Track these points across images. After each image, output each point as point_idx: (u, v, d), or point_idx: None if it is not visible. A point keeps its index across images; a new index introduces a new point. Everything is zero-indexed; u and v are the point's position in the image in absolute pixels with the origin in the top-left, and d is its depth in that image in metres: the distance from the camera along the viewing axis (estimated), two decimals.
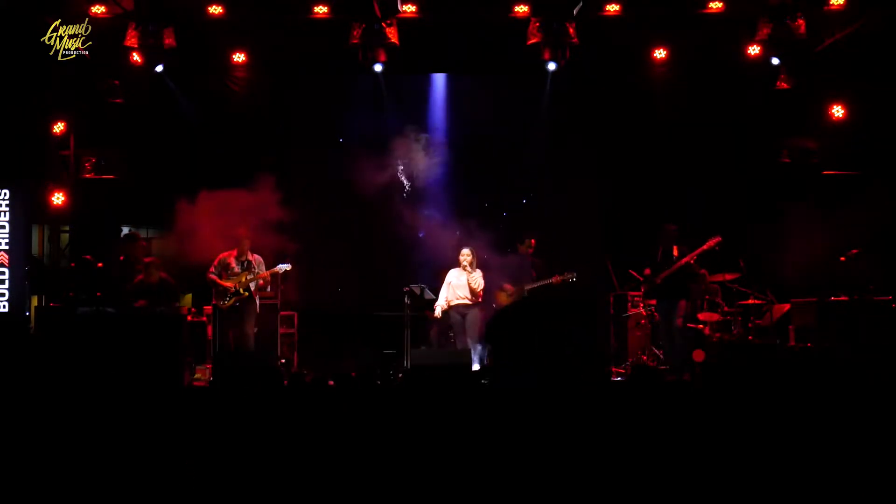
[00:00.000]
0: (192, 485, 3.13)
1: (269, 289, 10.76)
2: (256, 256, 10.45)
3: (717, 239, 10.10)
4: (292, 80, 12.36)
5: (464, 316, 10.44)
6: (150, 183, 11.70)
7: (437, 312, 10.60)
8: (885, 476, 2.47)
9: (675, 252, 10.33)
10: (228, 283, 10.29)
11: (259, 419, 3.43)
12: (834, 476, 2.48)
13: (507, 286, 10.73)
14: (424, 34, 11.24)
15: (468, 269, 10.41)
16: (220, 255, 10.39)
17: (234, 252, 10.39)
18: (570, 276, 10.63)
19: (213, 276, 10.36)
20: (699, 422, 3.03)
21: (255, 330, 10.48)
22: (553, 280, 10.66)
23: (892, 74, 10.59)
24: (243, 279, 10.29)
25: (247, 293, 10.32)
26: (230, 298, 10.29)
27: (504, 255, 11.08)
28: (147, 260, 10.74)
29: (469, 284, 10.40)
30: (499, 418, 3.12)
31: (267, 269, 10.45)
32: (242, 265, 10.36)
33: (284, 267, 10.48)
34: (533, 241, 11.04)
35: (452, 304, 10.49)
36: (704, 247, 10.11)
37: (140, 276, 10.55)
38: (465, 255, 10.48)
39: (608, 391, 2.90)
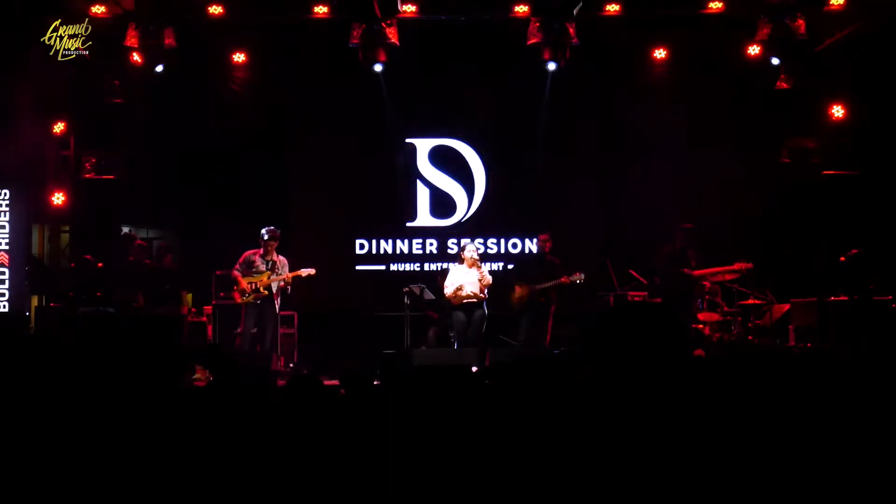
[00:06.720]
0: (191, 485, 3.13)
1: (289, 290, 10.48)
2: (282, 258, 10.35)
3: (749, 266, 10.22)
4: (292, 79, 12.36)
5: (469, 315, 10.35)
6: (150, 183, 11.71)
7: (449, 291, 10.35)
8: (885, 478, 2.48)
9: (690, 254, 10.33)
10: (245, 285, 10.21)
11: (257, 419, 3.44)
12: (834, 477, 2.48)
13: (518, 286, 10.59)
14: (424, 34, 11.25)
15: (479, 264, 10.36)
16: (246, 253, 10.32)
17: (260, 251, 10.30)
18: (578, 277, 10.56)
19: (236, 274, 10.29)
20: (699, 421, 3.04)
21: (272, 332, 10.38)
22: (562, 280, 10.57)
23: (891, 74, 10.57)
24: (265, 279, 10.22)
25: (267, 292, 10.23)
26: (250, 295, 10.22)
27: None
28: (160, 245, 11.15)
29: (484, 279, 10.30)
30: (502, 420, 3.12)
31: (290, 271, 10.35)
32: (267, 265, 10.27)
33: (308, 271, 10.37)
34: (542, 237, 10.98)
35: (462, 301, 10.39)
36: (734, 266, 10.27)
37: (148, 262, 10.88)
38: (473, 249, 10.41)
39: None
